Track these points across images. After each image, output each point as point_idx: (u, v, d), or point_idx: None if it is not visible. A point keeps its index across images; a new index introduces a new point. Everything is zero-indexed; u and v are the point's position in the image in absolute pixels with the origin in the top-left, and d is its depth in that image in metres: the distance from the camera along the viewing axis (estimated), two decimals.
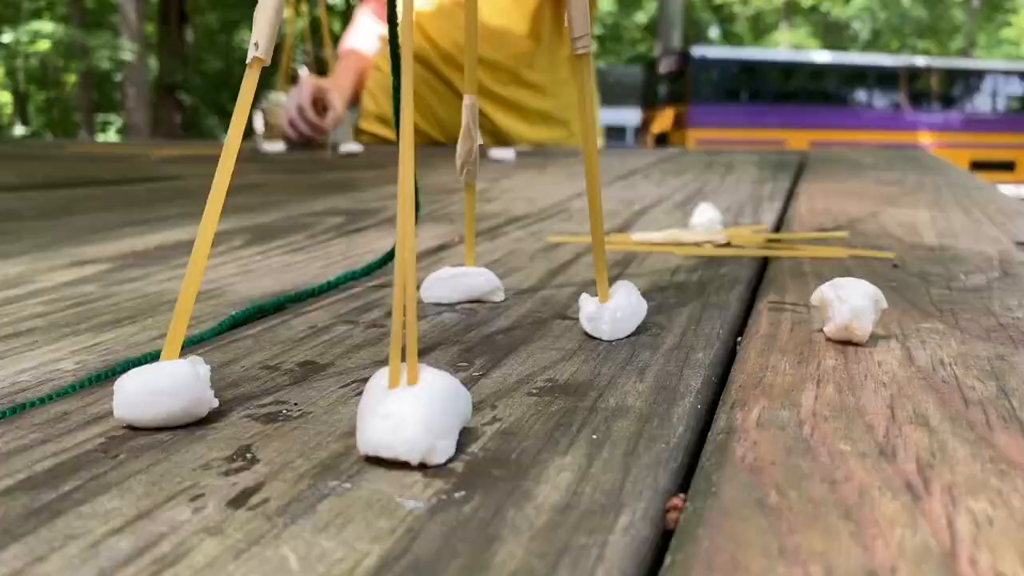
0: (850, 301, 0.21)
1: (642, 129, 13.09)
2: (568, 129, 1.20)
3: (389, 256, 0.31)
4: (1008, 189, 9.33)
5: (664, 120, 12.16)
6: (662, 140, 12.19)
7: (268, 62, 0.18)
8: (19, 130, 18.13)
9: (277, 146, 1.07)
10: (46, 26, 11.09)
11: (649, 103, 12.80)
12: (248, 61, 0.18)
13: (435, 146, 1.19)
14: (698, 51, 12.02)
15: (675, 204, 0.52)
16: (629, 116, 15.60)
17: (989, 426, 0.16)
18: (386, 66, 1.23)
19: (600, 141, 1.27)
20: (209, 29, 14.04)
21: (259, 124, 1.20)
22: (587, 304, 0.23)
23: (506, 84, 1.15)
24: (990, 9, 18.56)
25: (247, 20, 12.82)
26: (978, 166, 12.15)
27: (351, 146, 1.04)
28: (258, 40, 0.17)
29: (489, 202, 0.57)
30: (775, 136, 11.66)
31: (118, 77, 11.90)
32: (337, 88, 1.15)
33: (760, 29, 22.78)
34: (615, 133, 16.37)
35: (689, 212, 0.49)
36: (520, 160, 0.96)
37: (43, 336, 0.24)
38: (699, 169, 0.79)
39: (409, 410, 0.14)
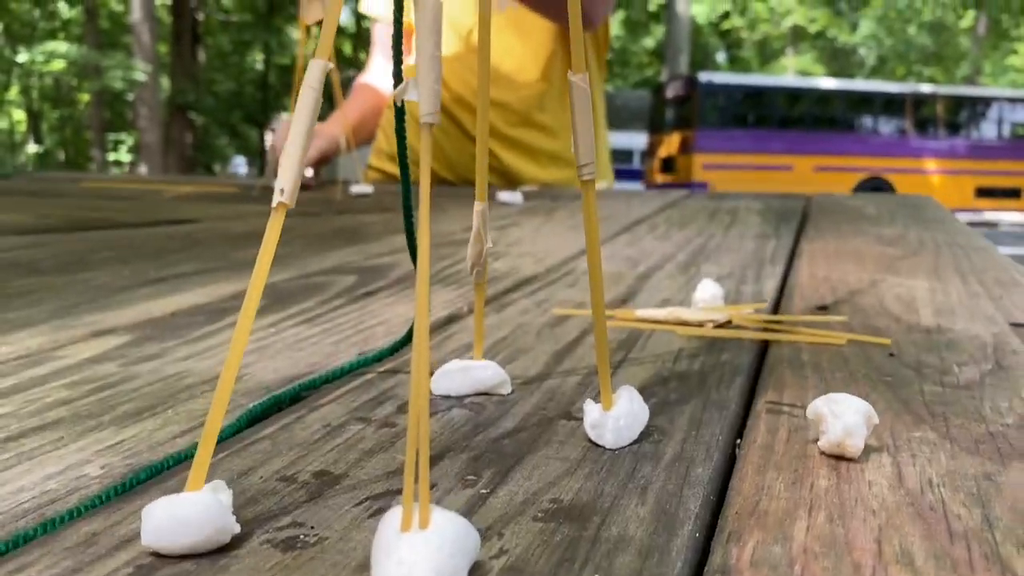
0: (843, 418, 0.22)
1: (649, 153, 13.16)
2: (575, 168, 1.22)
3: (399, 343, 0.32)
4: (1013, 216, 9.30)
5: (671, 145, 12.21)
6: (669, 165, 12.24)
7: (293, 205, 0.19)
8: (32, 148, 18.32)
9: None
10: (60, 46, 11.24)
11: (656, 128, 12.86)
12: (273, 205, 0.19)
13: (445, 185, 1.21)
14: (705, 76, 12.09)
15: (679, 266, 0.53)
16: (636, 140, 15.66)
17: (971, 566, 0.17)
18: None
19: (608, 181, 1.28)
20: (221, 50, 14.21)
21: (269, 142, 1.21)
22: (591, 411, 0.23)
23: (516, 125, 1.17)
24: (996, 37, 18.65)
25: (259, 41, 12.90)
26: (983, 193, 12.16)
27: (362, 187, 1.05)
28: (284, 186, 0.19)
29: (497, 259, 0.59)
30: (781, 161, 11.70)
31: (130, 96, 12.03)
32: (323, 133, 1.15)
33: (766, 55, 22.92)
34: (622, 156, 16.44)
35: (692, 276, 0.50)
36: (528, 202, 0.97)
37: (68, 430, 0.25)
38: (703, 219, 0.80)
39: (421, 557, 0.15)
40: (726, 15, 20.23)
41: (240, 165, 19.31)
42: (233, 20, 13.83)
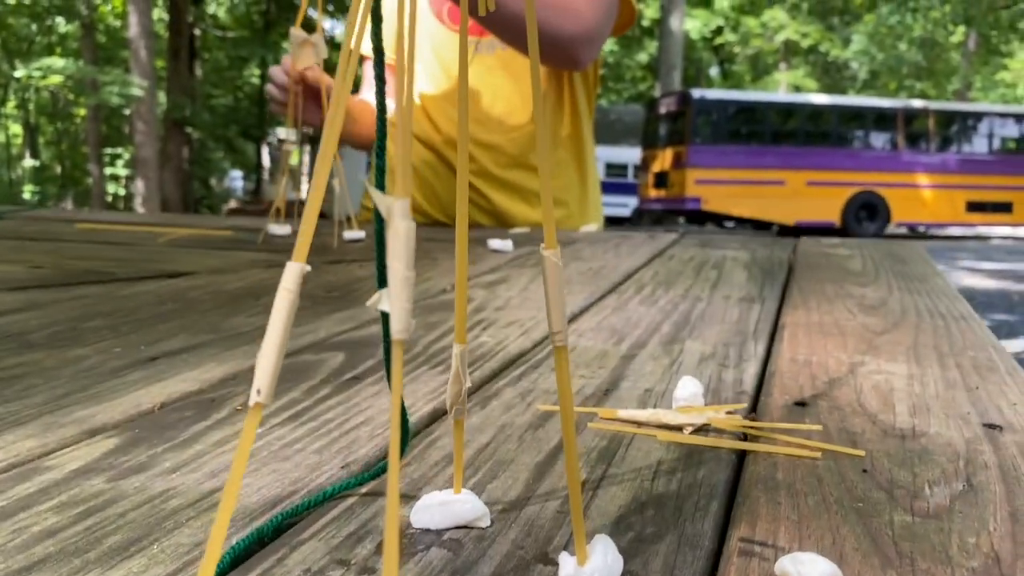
0: None
1: (642, 168, 13.22)
2: (567, 209, 1.23)
3: (378, 471, 0.32)
4: (1005, 230, 9.34)
5: (664, 160, 12.27)
6: (662, 180, 12.30)
7: (270, 404, 0.20)
8: (28, 162, 18.32)
9: (284, 229, 1.09)
10: (57, 62, 11.27)
11: (649, 143, 12.94)
12: (250, 404, 0.19)
13: (435, 226, 1.21)
14: (697, 93, 12.18)
15: (663, 341, 0.54)
16: (630, 154, 15.75)
17: None
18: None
19: (599, 224, 1.30)
20: (218, 65, 14.27)
21: (267, 160, 1.21)
22: (566, 565, 0.24)
23: (506, 167, 1.18)
24: (986, 52, 18.82)
25: (255, 56, 12.93)
26: (974, 207, 12.25)
27: (354, 233, 1.06)
28: (260, 387, 0.19)
29: (484, 328, 0.59)
30: (774, 176, 11.77)
31: (127, 111, 12.06)
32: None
33: (759, 69, 23.07)
34: (616, 170, 16.53)
35: (677, 356, 0.51)
36: (518, 249, 0.98)
37: (54, 570, 0.26)
38: (690, 274, 0.81)
39: None
40: (719, 30, 20.39)
41: (236, 179, 19.35)
42: (230, 36, 13.88)
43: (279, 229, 1.10)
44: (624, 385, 0.45)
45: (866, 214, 12.15)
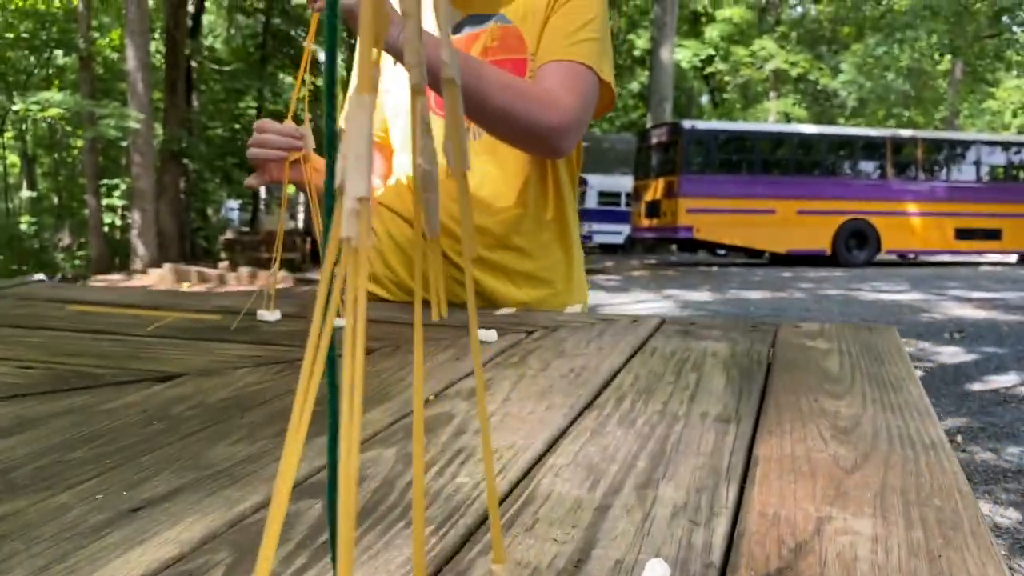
0: None
1: (635, 198, 13.32)
2: (552, 288, 1.24)
3: None
4: (995, 257, 9.41)
5: (656, 190, 12.37)
6: (654, 209, 12.38)
7: None
8: (25, 193, 18.35)
9: (274, 315, 1.10)
10: (56, 95, 11.35)
11: (641, 173, 13.05)
12: None
13: (426, 308, 1.22)
14: (688, 123, 12.31)
15: (637, 485, 0.55)
16: (623, 182, 15.86)
17: None
18: (392, 202, 1.25)
19: (584, 303, 1.31)
20: (215, 97, 14.36)
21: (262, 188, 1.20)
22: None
23: (493, 248, 1.19)
24: (973, 81, 19.09)
25: (251, 89, 13.06)
26: (963, 234, 12.35)
27: (267, 314, 1.07)
28: None
29: (462, 463, 0.60)
30: (764, 205, 11.87)
31: (124, 143, 12.13)
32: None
33: (749, 97, 23.33)
34: (610, 198, 16.64)
35: (650, 508, 0.52)
36: (503, 338, 0.99)
37: None
38: (670, 378, 0.82)
39: None
40: (709, 59, 20.65)
41: (233, 209, 19.43)
42: (226, 69, 14.00)
43: (268, 316, 1.11)
44: (595, 555, 0.46)
45: (856, 242, 12.25)
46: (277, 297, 1.11)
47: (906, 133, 13.10)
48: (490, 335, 0.99)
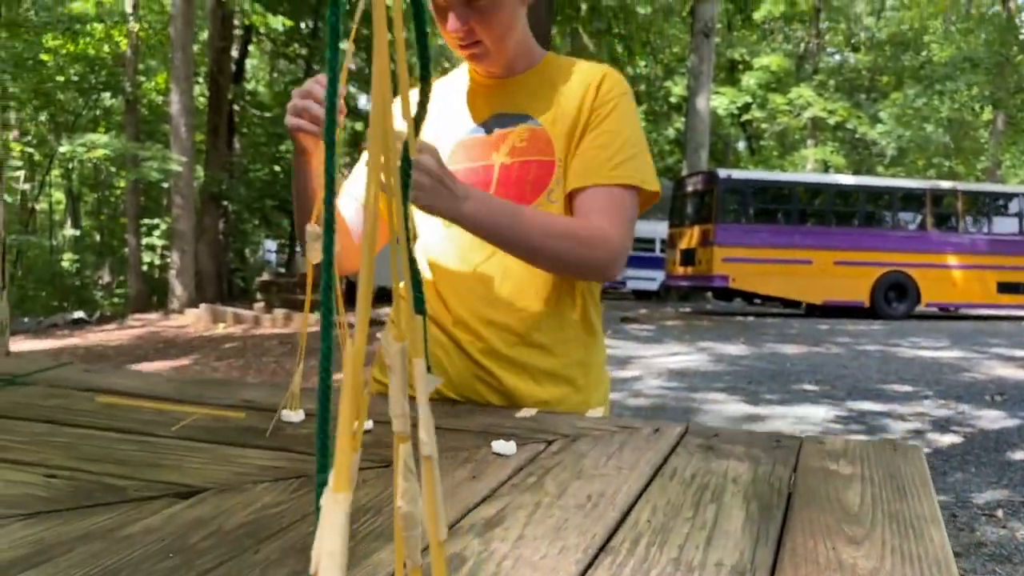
0: None
1: (670, 245, 13.29)
2: (574, 385, 1.22)
3: None
4: None
5: (691, 238, 12.34)
6: (689, 258, 12.33)
7: None
8: (69, 231, 18.93)
9: (297, 416, 1.11)
10: (101, 138, 11.74)
11: (676, 221, 13.04)
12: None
13: (444, 402, 1.22)
14: (724, 172, 12.30)
15: None
16: (658, 228, 15.86)
17: None
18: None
19: (606, 409, 1.30)
20: (255, 140, 14.73)
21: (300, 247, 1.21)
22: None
23: (514, 345, 1.19)
24: (1014, 132, 18.85)
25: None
26: (1006, 288, 12.08)
27: (291, 415, 1.08)
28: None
29: None
30: (801, 255, 11.76)
31: (166, 184, 12.46)
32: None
33: (787, 145, 23.29)
34: (644, 244, 16.63)
35: None
36: (522, 449, 0.99)
37: None
38: (688, 511, 0.81)
39: None
40: (746, 107, 20.69)
41: (271, 250, 19.80)
42: (267, 115, 14.37)
43: (292, 416, 1.12)
44: None
45: (895, 294, 12.06)
46: (302, 396, 1.13)
47: (946, 185, 12.94)
48: (509, 447, 0.99)
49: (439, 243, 1.22)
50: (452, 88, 1.26)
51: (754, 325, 10.51)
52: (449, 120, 1.24)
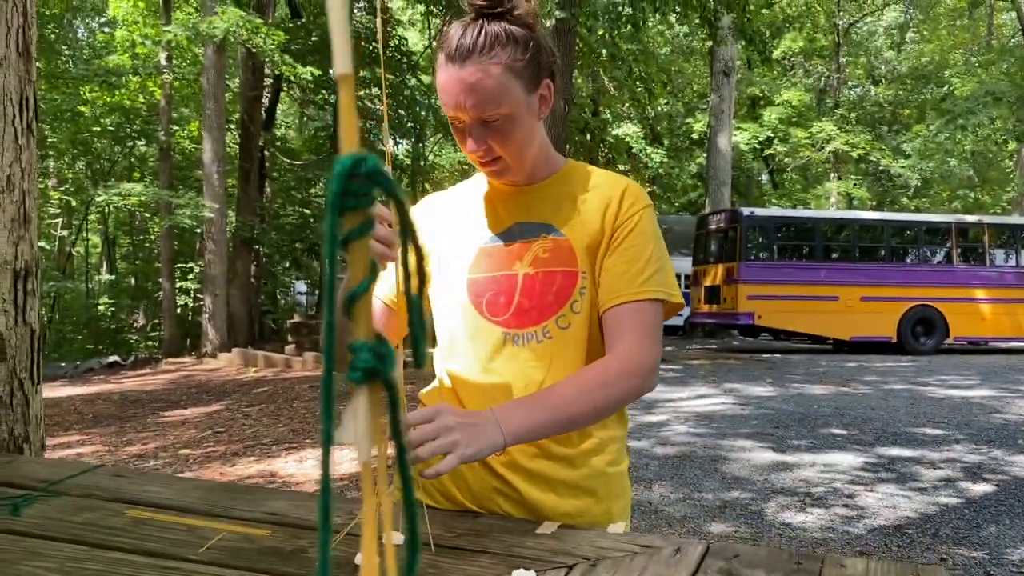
0: None
1: (694, 282, 13.32)
2: (595, 496, 1.20)
3: None
4: None
5: (715, 276, 12.38)
6: (714, 295, 12.36)
7: None
8: (105, 276, 19.40)
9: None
10: (136, 187, 12.08)
11: (700, 258, 13.09)
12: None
13: (465, 514, 1.20)
14: (747, 210, 12.36)
15: None
16: (682, 264, 15.90)
17: None
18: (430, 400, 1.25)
19: (626, 523, 1.26)
20: (286, 185, 15.07)
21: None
22: None
23: (535, 457, 1.17)
24: None
25: (321, 178, 13.61)
26: None
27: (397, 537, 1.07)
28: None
29: None
30: (827, 292, 11.74)
31: (199, 229, 12.75)
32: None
33: (810, 178, 23.29)
34: None
35: None
36: None
37: None
38: None
39: None
40: (768, 141, 20.76)
41: (301, 292, 20.11)
42: (296, 164, 14.69)
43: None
44: None
45: (923, 329, 11.97)
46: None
47: (971, 218, 12.90)
48: None
49: (459, 351, 1.20)
50: (472, 194, 1.26)
51: (780, 363, 10.48)
52: (470, 227, 1.22)
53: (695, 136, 20.87)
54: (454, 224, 1.23)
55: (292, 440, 5.54)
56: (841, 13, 22.55)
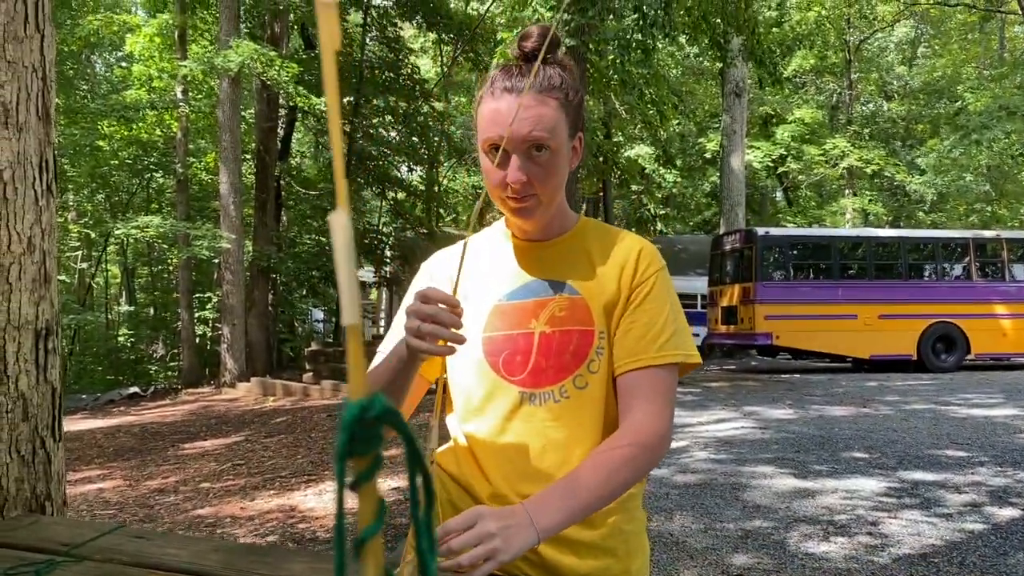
0: None
1: (710, 302, 13.28)
2: (614, 555, 1.19)
3: None
4: None
5: (731, 296, 12.34)
6: (731, 316, 12.31)
7: None
8: (124, 308, 19.60)
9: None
10: (153, 220, 12.22)
11: (716, 279, 13.06)
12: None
13: None
14: (762, 230, 12.34)
15: None
16: (697, 284, 15.88)
17: None
18: (448, 465, 1.23)
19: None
20: (302, 214, 15.21)
21: None
22: None
23: None
24: None
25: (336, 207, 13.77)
26: None
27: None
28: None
29: None
30: (845, 310, 11.66)
31: (216, 260, 12.89)
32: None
33: (824, 195, 23.22)
34: (686, 300, 16.58)
35: None
36: None
37: None
38: None
39: None
40: (782, 159, 20.73)
41: (318, 320, 20.22)
42: (312, 193, 14.83)
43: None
44: None
45: (943, 346, 11.86)
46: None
47: (988, 233, 12.80)
48: None
49: (475, 410, 1.19)
50: (485, 250, 1.25)
51: (800, 383, 10.40)
52: (484, 284, 1.21)
53: (708, 155, 20.89)
54: (467, 279, 1.21)
55: (311, 472, 5.55)
56: (851, 30, 22.57)
